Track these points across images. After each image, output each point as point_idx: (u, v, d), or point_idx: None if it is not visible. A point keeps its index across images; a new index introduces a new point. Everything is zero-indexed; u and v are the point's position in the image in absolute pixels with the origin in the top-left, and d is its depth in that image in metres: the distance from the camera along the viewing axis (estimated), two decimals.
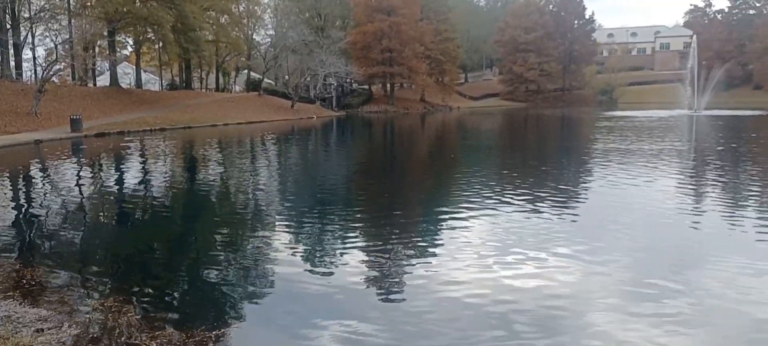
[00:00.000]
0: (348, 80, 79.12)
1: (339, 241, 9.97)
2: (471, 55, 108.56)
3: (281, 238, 10.25)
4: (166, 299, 7.33)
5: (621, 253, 8.59)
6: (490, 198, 13.24)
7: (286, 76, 70.00)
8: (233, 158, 25.87)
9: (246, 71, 74.99)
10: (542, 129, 45.48)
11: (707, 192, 14.49)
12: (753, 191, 14.44)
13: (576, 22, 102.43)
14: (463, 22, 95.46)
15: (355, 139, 40.09)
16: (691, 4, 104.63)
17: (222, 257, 9.19)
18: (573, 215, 11.55)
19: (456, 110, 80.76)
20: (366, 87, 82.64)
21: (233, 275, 8.22)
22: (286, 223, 11.76)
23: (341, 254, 9.04)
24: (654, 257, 8.55)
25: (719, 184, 15.58)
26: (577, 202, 13.22)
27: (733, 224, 10.54)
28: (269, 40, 70.73)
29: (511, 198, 13.20)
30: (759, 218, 11.06)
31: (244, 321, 6.54)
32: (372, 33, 71.76)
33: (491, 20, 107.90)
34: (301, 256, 9.11)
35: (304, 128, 46.85)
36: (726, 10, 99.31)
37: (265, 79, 70.27)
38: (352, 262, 8.54)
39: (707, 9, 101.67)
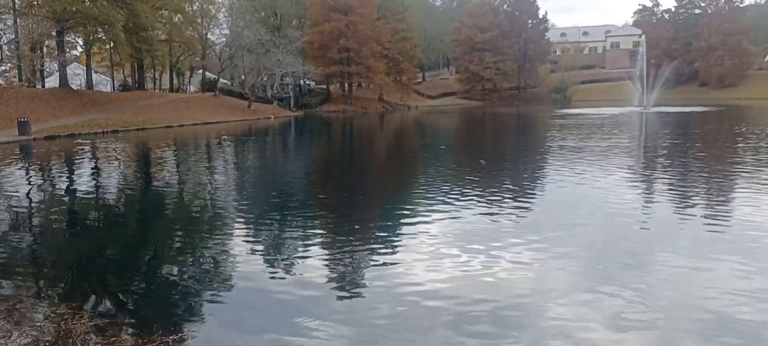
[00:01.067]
0: (306, 80, 78.66)
1: (299, 243, 9.94)
2: (428, 54, 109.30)
3: (240, 241, 10.18)
4: (122, 304, 7.19)
5: (576, 250, 8.81)
6: (448, 197, 13.41)
7: (242, 76, 69.11)
8: (189, 160, 25.46)
9: (201, 71, 73.69)
10: (499, 127, 46.14)
11: (657, 188, 15.01)
12: (700, 186, 15.01)
13: (530, 21, 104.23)
14: (420, 22, 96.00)
15: (314, 140, 39.93)
16: (639, 4, 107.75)
17: (179, 261, 9.08)
18: (529, 213, 11.78)
19: (414, 109, 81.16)
20: (324, 87, 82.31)
21: (191, 279, 8.12)
22: (245, 225, 11.67)
23: (301, 256, 9.03)
24: (608, 253, 8.78)
25: (668, 179, 16.15)
26: (534, 200, 13.49)
27: (682, 219, 10.94)
28: (224, 39, 69.57)
29: (469, 197, 13.41)
30: (705, 213, 11.54)
31: (203, 326, 6.48)
32: (329, 32, 71.45)
33: (447, 19, 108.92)
34: (261, 258, 9.06)
35: (261, 129, 46.41)
36: (673, 9, 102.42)
37: (221, 79, 69.28)
38: (313, 264, 8.54)
39: (655, 8, 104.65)
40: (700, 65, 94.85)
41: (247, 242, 10.09)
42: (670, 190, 14.40)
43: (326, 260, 8.75)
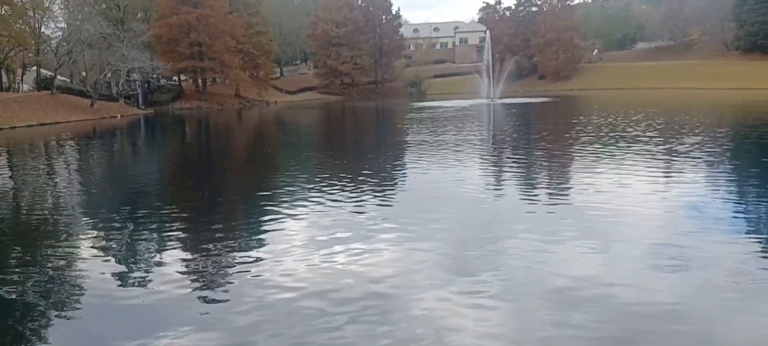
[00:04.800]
0: (155, 76, 74.59)
1: (154, 249, 9.48)
2: (285, 48, 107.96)
3: (88, 252, 9.46)
4: None
5: (436, 236, 9.29)
6: (310, 192, 13.48)
7: (83, 73, 64.09)
8: (25, 166, 23.22)
9: (35, 68, 67.23)
10: (358, 121, 46.86)
11: (506, 174, 16.13)
12: (543, 171, 16.42)
13: (384, 17, 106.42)
14: (275, 15, 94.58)
15: (166, 139, 38.06)
16: (483, 1, 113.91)
17: (18, 275, 8.29)
18: (390, 204, 12.18)
19: (273, 105, 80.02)
20: (176, 82, 78.55)
21: (33, 294, 7.46)
22: (93, 234, 10.91)
23: (157, 263, 8.64)
24: (465, 237, 9.32)
25: (515, 166, 17.40)
26: (394, 191, 13.94)
27: (529, 202, 11.87)
28: (61, 33, 64.01)
29: (331, 191, 13.52)
30: (550, 195, 12.70)
31: (49, 344, 6.00)
32: (178, 25, 68.19)
33: (303, 14, 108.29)
34: (113, 269, 8.51)
35: (107, 129, 43.43)
36: (513, 7, 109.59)
37: (59, 77, 63.69)
38: (171, 270, 8.18)
39: (497, 6, 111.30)
40: (539, 59, 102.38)
41: (96, 252, 9.40)
42: (518, 176, 15.56)
43: (185, 264, 8.44)
